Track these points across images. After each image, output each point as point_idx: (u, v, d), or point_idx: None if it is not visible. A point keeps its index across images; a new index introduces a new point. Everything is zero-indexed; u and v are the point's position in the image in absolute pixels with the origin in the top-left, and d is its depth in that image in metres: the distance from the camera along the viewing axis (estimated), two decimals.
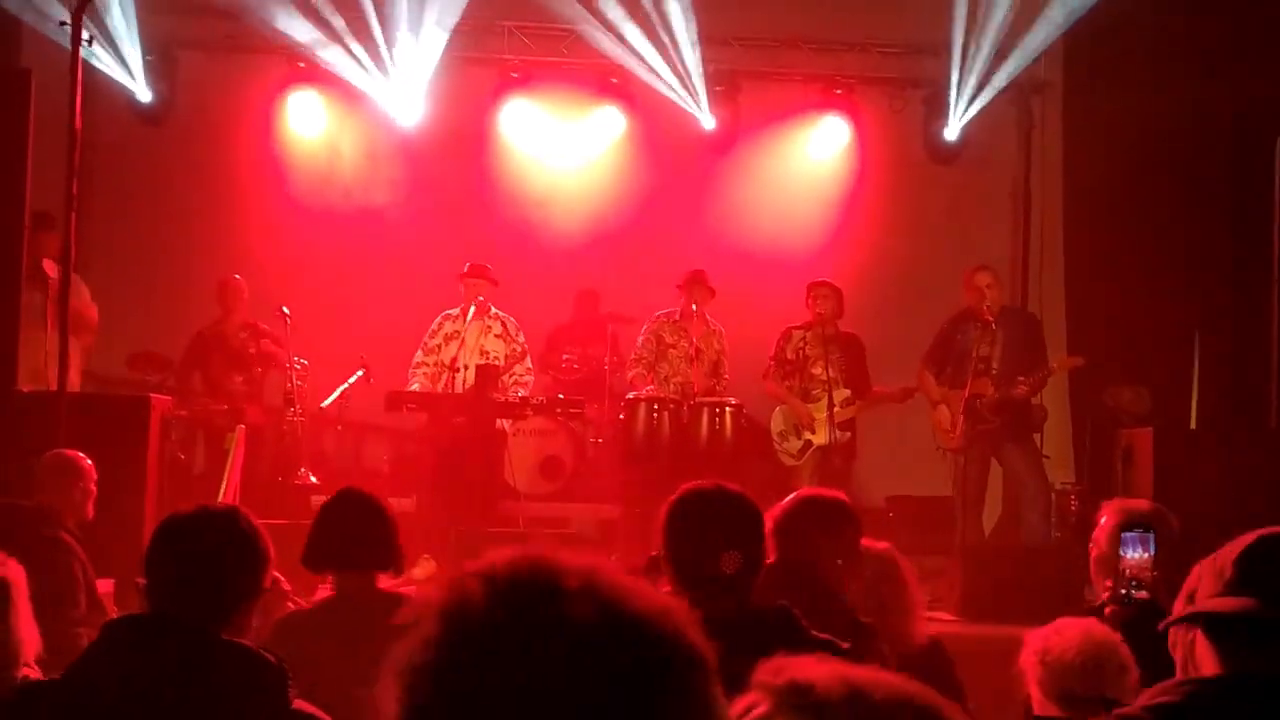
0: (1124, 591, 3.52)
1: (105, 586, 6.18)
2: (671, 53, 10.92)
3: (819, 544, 3.99)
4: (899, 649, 4.01)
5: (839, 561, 4.02)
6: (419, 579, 8.40)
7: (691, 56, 10.94)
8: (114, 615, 5.92)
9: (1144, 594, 3.54)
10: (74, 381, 8.31)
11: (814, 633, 3.15)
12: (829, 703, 1.14)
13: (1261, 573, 2.24)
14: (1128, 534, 3.61)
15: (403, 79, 10.81)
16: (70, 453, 6.06)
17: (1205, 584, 2.31)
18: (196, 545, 3.00)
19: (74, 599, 5.67)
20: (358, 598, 4.10)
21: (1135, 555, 3.58)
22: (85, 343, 8.85)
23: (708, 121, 11.15)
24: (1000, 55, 10.86)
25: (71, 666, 2.91)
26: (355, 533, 4.18)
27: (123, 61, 10.47)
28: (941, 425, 8.91)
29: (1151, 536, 3.63)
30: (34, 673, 3.55)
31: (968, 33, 10.66)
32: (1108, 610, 3.58)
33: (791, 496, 4.16)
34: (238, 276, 9.75)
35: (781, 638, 3.03)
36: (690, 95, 11.03)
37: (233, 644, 2.92)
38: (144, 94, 10.70)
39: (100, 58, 10.24)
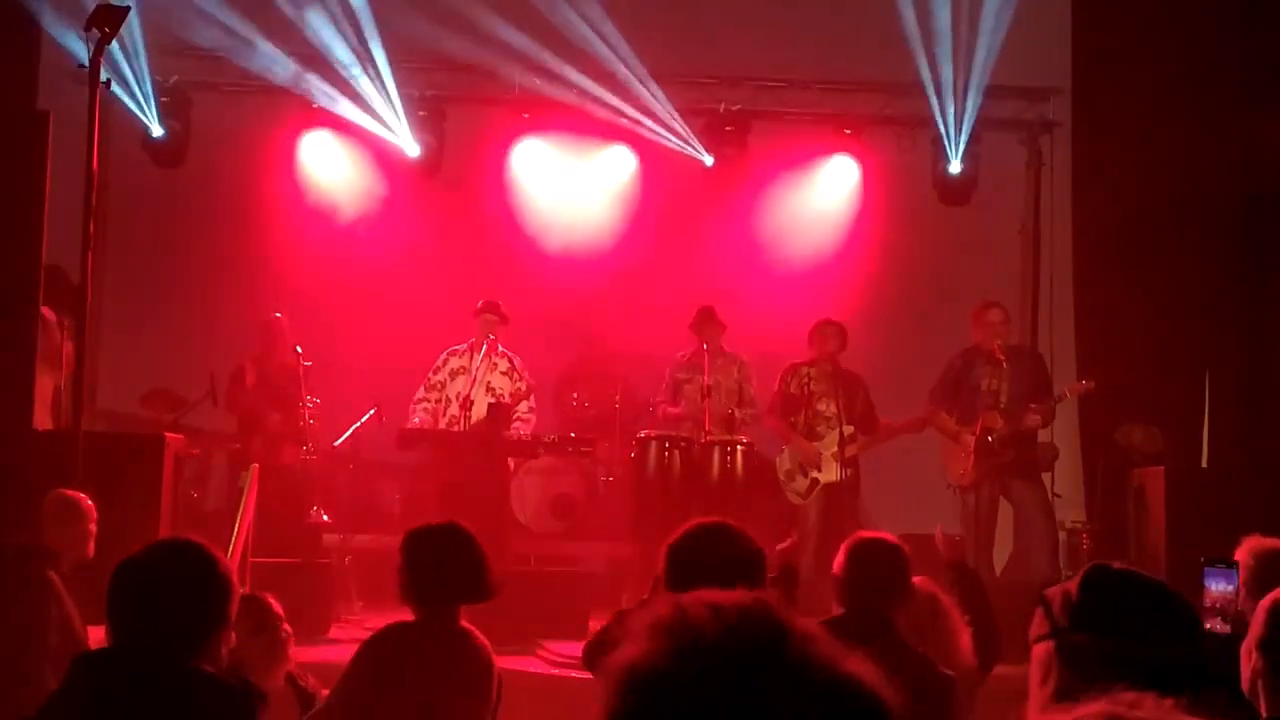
0: (1207, 625, 3.49)
1: (100, 632, 6.17)
2: (674, 94, 11.05)
3: (893, 592, 3.97)
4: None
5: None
6: None
7: (702, 96, 11.07)
8: None
9: (1226, 627, 3.52)
10: (42, 420, 8.07)
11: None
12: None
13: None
14: (1211, 568, 3.60)
15: (400, 111, 10.90)
16: (72, 493, 6.05)
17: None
18: (151, 578, 3.01)
19: (42, 636, 5.65)
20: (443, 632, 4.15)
21: (1218, 588, 3.56)
22: (58, 381, 8.78)
23: (707, 160, 11.24)
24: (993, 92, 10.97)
25: (44, 703, 2.95)
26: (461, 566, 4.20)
27: (139, 103, 10.57)
28: (954, 462, 8.91)
29: (1235, 571, 3.63)
30: None
31: (955, 69, 10.75)
32: None
33: (852, 540, 4.15)
34: (279, 315, 9.76)
35: None
36: (686, 139, 11.14)
37: (198, 671, 2.94)
38: (157, 130, 10.78)
39: (117, 100, 10.34)
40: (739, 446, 9.12)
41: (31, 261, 7.44)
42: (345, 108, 10.88)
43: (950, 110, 10.91)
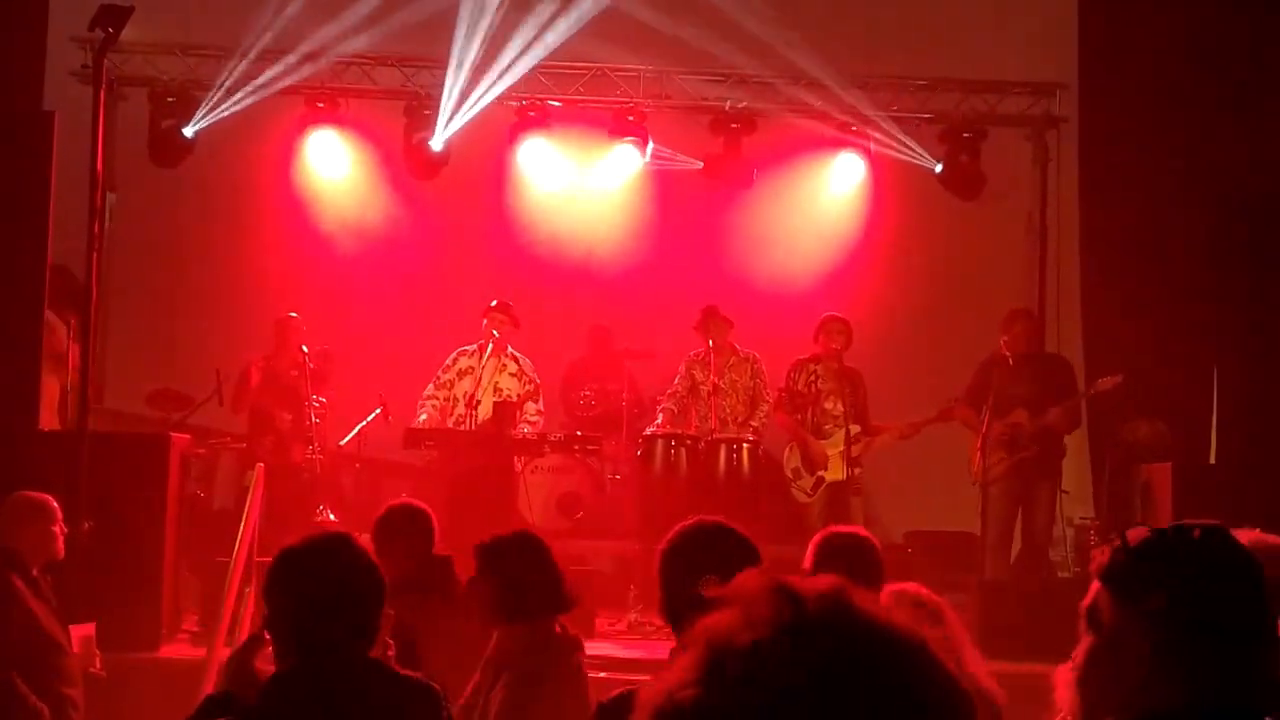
0: None
1: (86, 630, 6.17)
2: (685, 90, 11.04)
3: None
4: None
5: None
6: None
7: (705, 93, 11.07)
8: (75, 653, 5.93)
9: None
10: (49, 421, 8.05)
11: None
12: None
13: None
14: None
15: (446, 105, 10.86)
16: (33, 494, 6.02)
17: None
18: (336, 573, 3.00)
19: (3, 638, 5.63)
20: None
21: None
22: (64, 383, 8.78)
23: (717, 157, 11.25)
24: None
25: (250, 711, 2.94)
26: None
27: (206, 102, 10.59)
28: (979, 457, 8.89)
29: None
30: None
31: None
32: None
33: (822, 534, 4.12)
34: (294, 314, 9.74)
35: None
36: (677, 159, 11.18)
37: (398, 673, 3.03)
38: (190, 130, 10.74)
39: (122, 100, 10.35)
40: (745, 444, 9.11)
41: (37, 262, 7.45)
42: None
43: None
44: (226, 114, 10.61)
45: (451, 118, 10.79)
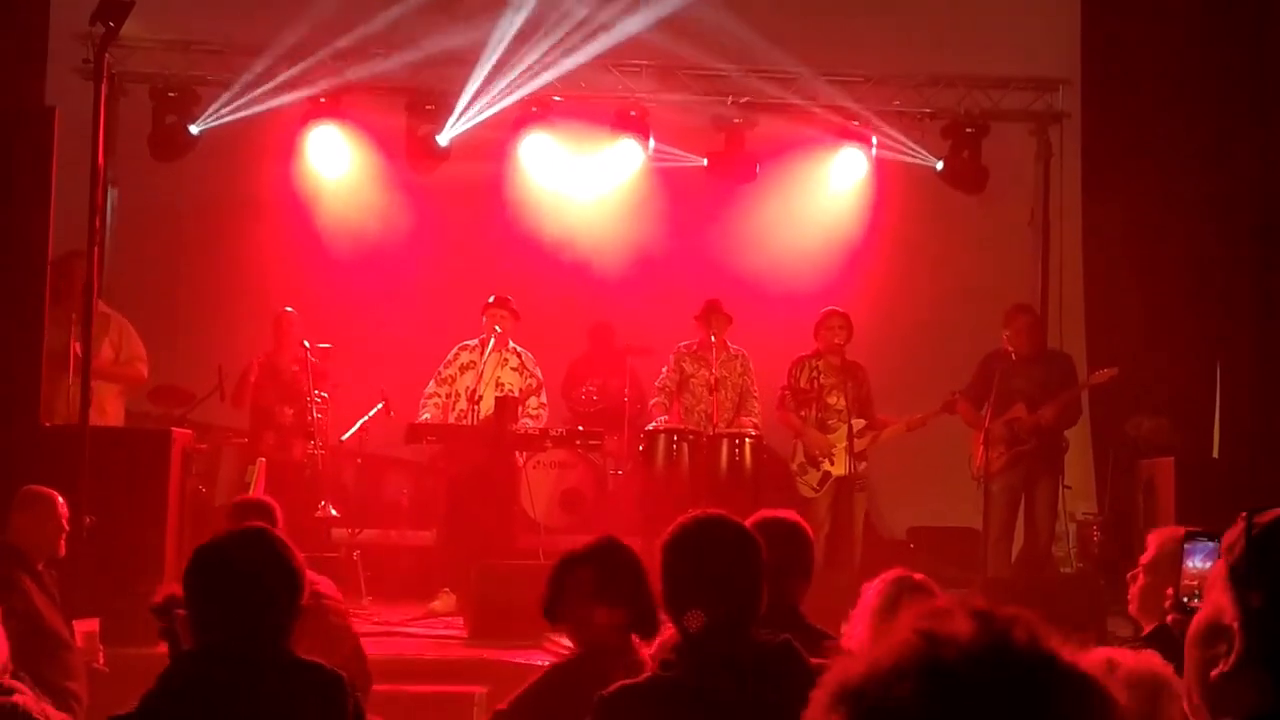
0: (1185, 600, 3.47)
1: (90, 625, 6.18)
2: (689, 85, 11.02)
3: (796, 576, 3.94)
4: None
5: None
6: (439, 612, 8.41)
7: (707, 88, 11.05)
8: (79, 648, 5.95)
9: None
10: (117, 419, 8.49)
11: (813, 661, 3.13)
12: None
13: None
14: (1190, 545, 3.56)
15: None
16: (40, 488, 6.04)
17: None
18: (238, 570, 3.06)
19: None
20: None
21: (1198, 566, 3.52)
22: (127, 390, 8.94)
23: (720, 153, 11.25)
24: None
25: (146, 697, 2.99)
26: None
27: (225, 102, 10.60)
28: (980, 452, 8.89)
29: (1216, 546, 3.57)
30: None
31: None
32: (1170, 619, 3.52)
33: (755, 519, 4.02)
34: (290, 309, 9.74)
35: (783, 671, 3.04)
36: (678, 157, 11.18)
37: (304, 662, 3.04)
38: (196, 128, 10.74)
39: (123, 95, 10.34)
40: (748, 439, 9.10)
41: (38, 258, 7.45)
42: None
43: None
44: (236, 117, 10.64)
45: (465, 114, 10.79)
